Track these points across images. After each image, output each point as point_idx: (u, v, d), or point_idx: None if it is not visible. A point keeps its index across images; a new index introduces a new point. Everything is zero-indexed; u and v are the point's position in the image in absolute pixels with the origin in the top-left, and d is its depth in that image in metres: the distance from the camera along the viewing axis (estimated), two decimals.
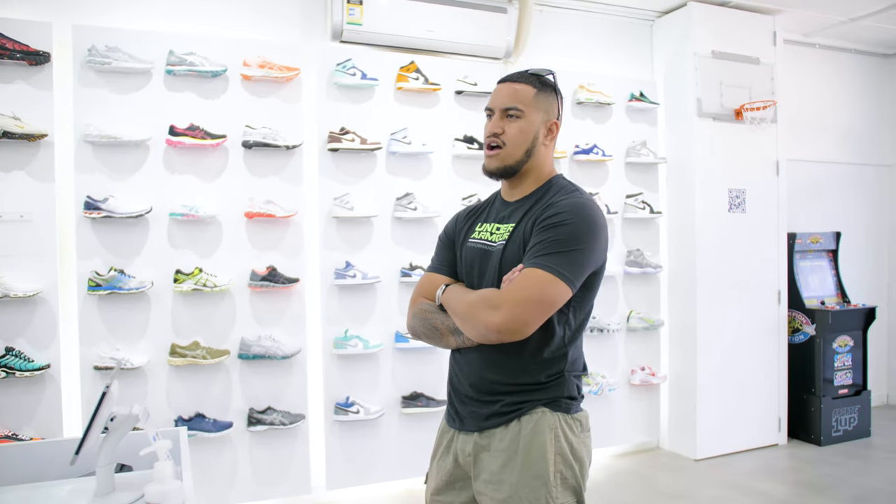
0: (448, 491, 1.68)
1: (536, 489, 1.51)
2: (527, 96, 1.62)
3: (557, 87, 1.69)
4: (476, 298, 1.53)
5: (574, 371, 1.61)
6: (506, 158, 1.63)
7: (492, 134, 1.63)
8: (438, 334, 1.65)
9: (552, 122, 1.65)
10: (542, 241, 1.50)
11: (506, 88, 1.64)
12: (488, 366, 1.59)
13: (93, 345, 3.25)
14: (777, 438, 4.67)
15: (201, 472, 3.42)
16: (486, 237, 1.67)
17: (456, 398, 1.68)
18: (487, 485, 1.57)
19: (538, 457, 1.52)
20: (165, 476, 1.37)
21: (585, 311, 1.63)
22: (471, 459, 1.62)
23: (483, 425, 1.60)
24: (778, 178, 4.68)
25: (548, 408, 1.56)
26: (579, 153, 4.29)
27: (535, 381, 1.56)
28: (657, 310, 4.58)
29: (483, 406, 1.60)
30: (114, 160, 3.31)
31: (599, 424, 4.33)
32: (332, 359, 3.70)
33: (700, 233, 4.41)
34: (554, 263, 1.46)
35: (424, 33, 3.88)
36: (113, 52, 3.27)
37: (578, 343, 1.63)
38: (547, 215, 1.53)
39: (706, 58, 4.42)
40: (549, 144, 1.66)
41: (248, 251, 3.54)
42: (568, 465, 1.55)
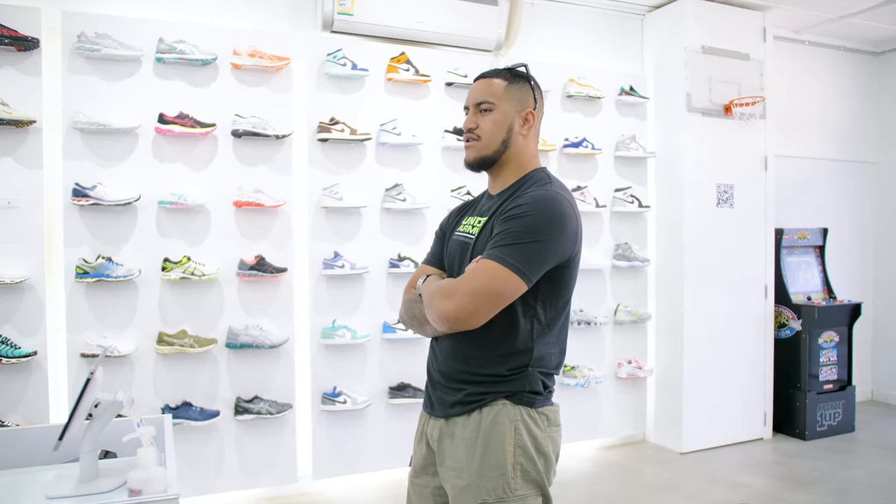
0: (423, 474, 1.70)
1: (494, 479, 1.52)
2: (498, 89, 1.65)
3: (531, 77, 1.70)
4: (437, 288, 1.55)
5: (540, 367, 1.59)
6: (482, 149, 1.65)
7: (467, 129, 1.67)
8: (418, 323, 1.67)
9: (527, 111, 1.66)
10: (500, 232, 1.51)
11: (480, 84, 1.68)
12: (455, 355, 1.62)
13: (80, 332, 3.25)
14: (762, 433, 4.71)
15: (188, 460, 3.42)
16: (467, 230, 1.69)
17: (430, 383, 1.71)
18: (450, 471, 1.59)
19: (497, 448, 1.53)
20: (148, 462, 1.38)
21: (559, 307, 1.61)
22: (437, 444, 1.64)
23: (449, 412, 1.62)
24: (766, 174, 4.71)
25: (509, 400, 1.56)
26: (569, 146, 4.30)
27: (498, 374, 1.56)
28: (644, 303, 4.61)
29: (449, 393, 1.62)
30: (102, 147, 3.30)
31: (586, 417, 4.41)
32: (320, 349, 3.71)
33: (688, 227, 4.44)
34: (507, 255, 1.47)
35: (415, 24, 3.88)
36: (102, 38, 3.25)
37: (550, 339, 1.60)
38: (509, 207, 1.55)
39: (696, 53, 4.45)
40: (527, 134, 1.67)
41: (236, 240, 3.54)
42: (529, 458, 1.54)
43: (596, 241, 4.45)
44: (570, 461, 4.25)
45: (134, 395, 3.27)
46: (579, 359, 4.36)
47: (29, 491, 1.55)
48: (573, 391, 4.32)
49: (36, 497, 1.49)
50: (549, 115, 4.26)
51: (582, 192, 4.32)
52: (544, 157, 4.28)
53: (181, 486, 3.37)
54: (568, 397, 4.32)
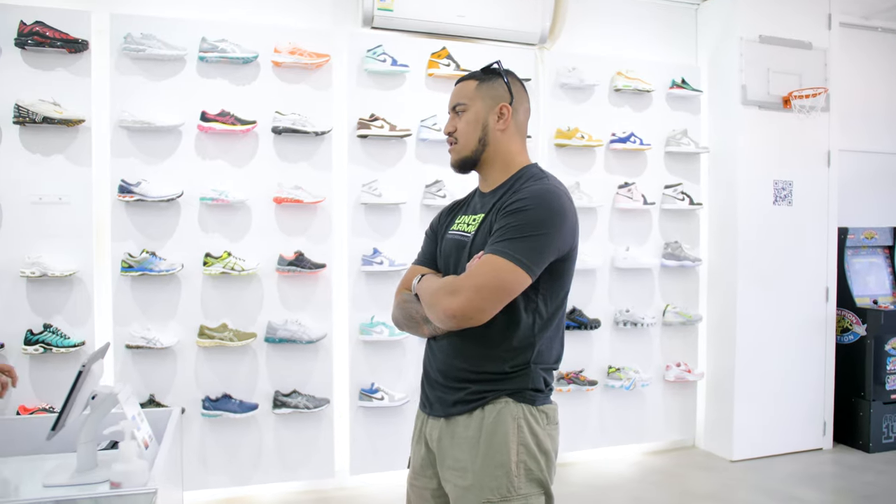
0: (421, 476, 1.68)
1: (498, 478, 1.50)
2: (469, 90, 1.66)
3: (506, 73, 1.68)
4: (439, 286, 1.53)
5: (542, 363, 1.58)
6: (460, 151, 1.67)
7: (447, 133, 1.69)
8: (414, 323, 1.65)
9: (501, 105, 1.64)
10: (502, 227, 1.50)
11: (455, 89, 1.71)
12: (456, 353, 1.59)
13: (125, 324, 3.36)
14: (821, 443, 4.47)
15: (227, 451, 3.50)
16: (462, 228, 1.68)
17: (427, 383, 1.69)
18: (452, 471, 1.57)
19: (500, 446, 1.51)
20: (129, 456, 1.39)
21: (558, 301, 1.59)
22: (436, 445, 1.62)
23: (449, 412, 1.59)
24: (829, 170, 4.46)
25: (511, 398, 1.54)
26: (615, 142, 4.17)
27: (500, 371, 1.55)
28: (695, 304, 4.44)
29: (450, 392, 1.60)
30: (147, 145, 3.40)
31: (631, 420, 4.29)
32: (358, 345, 3.73)
33: (742, 226, 4.24)
34: (511, 250, 1.45)
35: (456, 19, 3.84)
36: (148, 39, 3.34)
37: (550, 334, 1.59)
38: (509, 202, 1.54)
39: (753, 42, 4.24)
40: (504, 129, 1.65)
41: (276, 236, 3.59)
42: (532, 456, 1.53)
43: (644, 240, 4.31)
44: (613, 465, 4.14)
45: (176, 386, 3.41)
46: (625, 360, 4.24)
47: (31, 478, 1.60)
48: (618, 393, 4.21)
49: (35, 484, 1.54)
50: (597, 110, 4.19)
51: (629, 189, 4.18)
52: (589, 152, 4.17)
53: (221, 477, 3.46)
54: (612, 399, 4.21)
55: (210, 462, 3.49)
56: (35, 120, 3.16)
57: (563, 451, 4.08)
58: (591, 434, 4.19)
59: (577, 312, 4.09)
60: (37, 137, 3.22)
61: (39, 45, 3.18)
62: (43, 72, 3.24)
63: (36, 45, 3.17)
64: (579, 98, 4.16)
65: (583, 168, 4.17)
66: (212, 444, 3.49)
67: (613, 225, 4.24)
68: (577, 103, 4.15)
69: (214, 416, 3.43)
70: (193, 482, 3.45)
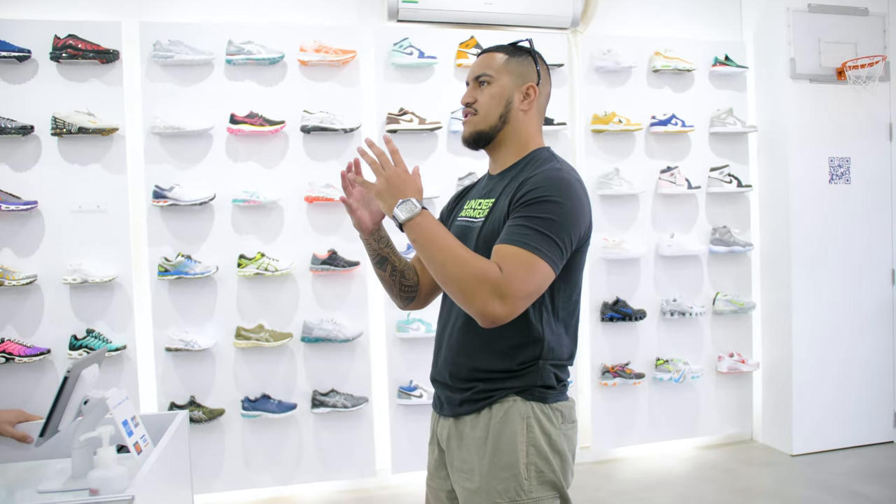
0: (436, 477, 1.62)
1: (506, 481, 1.42)
2: (497, 62, 1.56)
3: (536, 52, 1.59)
4: (479, 272, 1.33)
5: (552, 359, 1.48)
6: (478, 123, 1.55)
7: (465, 103, 1.57)
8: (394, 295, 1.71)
9: (528, 85, 1.55)
10: (526, 217, 1.38)
11: (479, 59, 1.60)
12: (463, 351, 1.52)
13: (164, 327, 3.42)
14: (891, 435, 4.19)
15: (267, 451, 3.53)
16: (469, 214, 1.59)
17: (435, 381, 1.62)
18: (460, 473, 1.51)
19: (508, 447, 1.43)
20: (107, 462, 1.37)
21: (568, 294, 1.50)
22: (446, 445, 1.56)
23: (457, 411, 1.52)
24: (891, 144, 4.17)
25: (520, 396, 1.46)
26: (656, 125, 4.01)
27: (507, 369, 1.46)
28: (748, 292, 4.23)
29: (457, 392, 1.53)
30: (179, 150, 3.44)
31: (682, 414, 4.12)
32: (395, 342, 3.69)
33: (796, 207, 4.01)
34: (548, 250, 1.35)
35: (483, 6, 3.75)
36: (175, 45, 3.38)
37: (561, 330, 1.50)
38: (529, 189, 1.41)
39: (802, 12, 3.99)
40: (528, 110, 1.56)
41: (308, 235, 3.59)
42: (543, 457, 1.44)
43: (690, 226, 4.12)
44: (664, 460, 3.99)
45: (215, 387, 3.44)
46: (673, 352, 4.07)
47: (27, 483, 1.62)
48: (667, 386, 4.05)
49: (31, 490, 1.55)
50: (635, 93, 4.04)
51: (672, 174, 4.01)
52: (629, 136, 4.01)
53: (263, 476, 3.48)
54: (661, 392, 4.05)
55: (252, 462, 3.52)
56: (71, 131, 3.24)
57: (610, 447, 4.01)
58: (640, 429, 4.05)
59: (620, 303, 3.95)
60: (74, 147, 3.31)
61: (73, 57, 3.25)
62: (77, 83, 3.31)
63: (70, 57, 3.25)
64: (616, 81, 4.01)
65: (622, 153, 4.02)
66: (252, 444, 3.52)
67: (657, 211, 4.07)
68: (614, 87, 4.00)
69: (254, 416, 3.46)
70: (236, 482, 3.48)
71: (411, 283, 1.69)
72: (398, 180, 1.42)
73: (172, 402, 3.39)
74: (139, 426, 1.52)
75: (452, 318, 1.56)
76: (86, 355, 3.20)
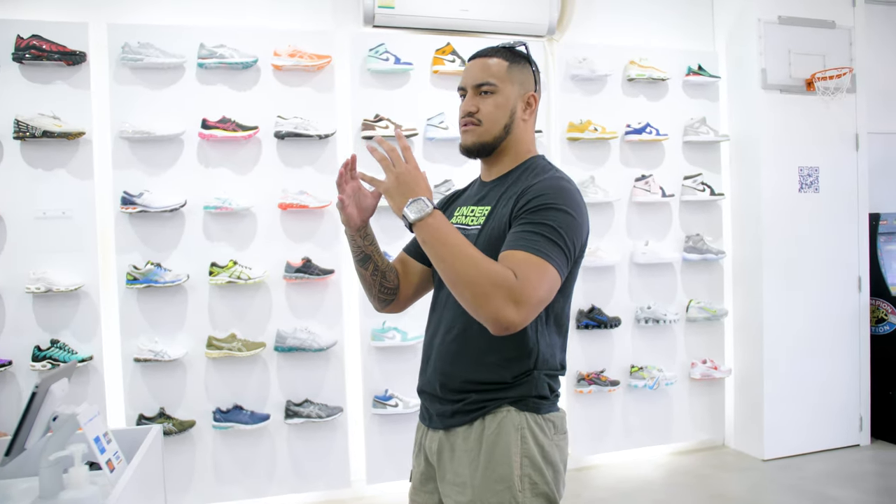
0: (422, 491, 1.59)
1: (500, 493, 1.39)
2: (500, 70, 1.50)
3: (531, 58, 1.57)
4: (494, 276, 1.27)
5: (545, 369, 1.46)
6: (483, 135, 1.51)
7: (466, 113, 1.51)
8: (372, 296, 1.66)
9: (529, 94, 1.54)
10: (534, 224, 1.34)
11: (477, 64, 1.53)
12: (455, 362, 1.48)
13: (133, 337, 3.32)
14: (858, 439, 4.27)
15: (240, 463, 3.45)
16: (461, 221, 1.56)
17: (423, 393, 1.58)
18: (451, 486, 1.47)
19: (502, 459, 1.41)
20: (79, 482, 1.31)
21: (563, 303, 1.49)
22: (436, 458, 1.52)
23: (448, 423, 1.49)
24: (857, 154, 4.25)
25: (514, 407, 1.43)
26: (631, 133, 4.03)
27: (502, 380, 1.44)
28: (720, 299, 4.27)
29: (448, 403, 1.49)
30: (149, 155, 3.35)
31: (656, 420, 4.14)
32: (370, 351, 3.64)
33: (767, 215, 4.07)
34: (557, 258, 1.32)
35: (459, 13, 3.73)
36: (145, 48, 3.30)
37: (554, 339, 1.49)
38: (531, 196, 1.39)
39: (772, 24, 4.06)
40: (528, 119, 1.55)
41: (282, 243, 3.52)
42: (537, 469, 1.42)
43: (664, 234, 4.15)
44: (639, 467, 4.00)
45: (186, 399, 3.36)
46: (647, 359, 4.10)
47: None
48: (642, 393, 4.07)
49: None
50: (610, 101, 4.06)
51: (647, 182, 4.04)
52: (604, 145, 4.03)
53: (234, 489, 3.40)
54: (636, 399, 4.07)
55: (223, 475, 3.43)
56: (35, 134, 3.13)
57: (586, 454, 4.01)
58: (615, 436, 4.06)
59: (595, 311, 3.96)
60: (38, 152, 3.20)
61: (37, 58, 3.15)
62: (41, 85, 3.21)
63: (34, 58, 3.14)
64: (591, 89, 4.02)
65: (597, 161, 4.03)
66: (224, 456, 3.43)
67: (631, 219, 4.09)
68: (589, 95, 4.02)
69: (226, 427, 3.38)
70: (206, 496, 3.40)
71: (391, 286, 1.66)
72: (409, 178, 1.35)
73: (141, 415, 3.29)
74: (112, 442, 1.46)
75: (443, 327, 1.53)
76: (53, 368, 3.11)
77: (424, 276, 1.69)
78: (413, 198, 1.33)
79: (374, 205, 1.58)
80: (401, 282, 1.67)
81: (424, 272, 1.69)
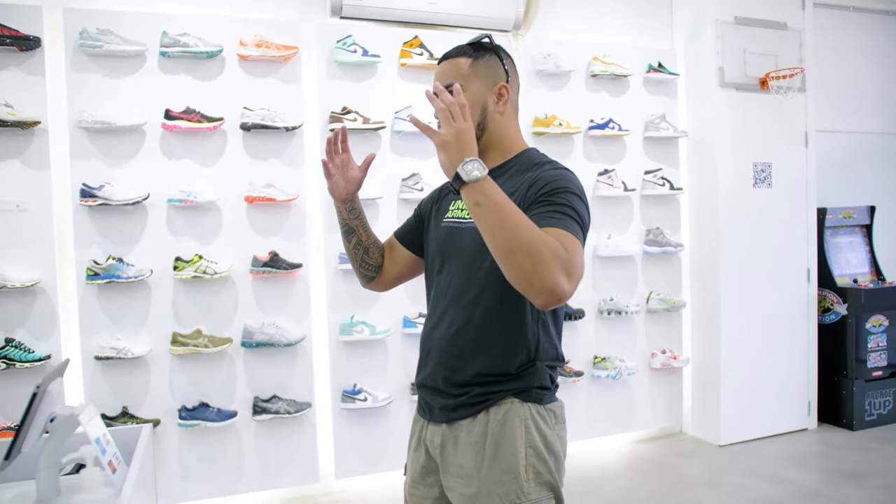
0: (421, 485, 1.59)
1: (506, 484, 1.41)
2: (462, 69, 1.51)
3: (498, 48, 1.56)
4: (551, 244, 1.23)
5: (547, 360, 1.49)
6: None
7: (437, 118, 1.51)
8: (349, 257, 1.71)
9: (499, 85, 1.52)
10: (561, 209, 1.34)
11: (442, 67, 1.54)
12: (461, 355, 1.49)
13: (93, 334, 3.21)
14: (806, 423, 4.48)
15: (206, 461, 3.38)
16: (457, 214, 1.56)
17: (424, 387, 1.58)
18: (456, 479, 1.48)
19: (508, 450, 1.43)
20: (94, 484, 1.27)
21: None
22: (439, 451, 1.53)
23: (451, 416, 1.50)
24: (807, 151, 4.44)
25: (517, 398, 1.45)
26: (594, 128, 4.10)
27: (506, 371, 1.45)
28: (678, 290, 4.40)
29: (451, 397, 1.50)
30: (109, 146, 3.23)
31: (619, 410, 4.24)
32: (339, 345, 3.61)
33: (723, 209, 4.20)
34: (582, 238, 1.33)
35: (427, 6, 3.72)
36: (105, 35, 3.18)
37: (553, 330, 1.51)
38: (557, 186, 1.38)
39: (729, 24, 4.19)
40: (504, 111, 1.54)
41: (249, 237, 3.46)
42: (541, 458, 1.44)
43: (626, 227, 4.25)
44: (603, 455, 4.09)
45: (150, 397, 3.27)
46: (611, 350, 4.19)
47: None
48: (604, 383, 4.15)
49: None
50: (574, 97, 4.11)
51: (609, 176, 4.12)
52: (568, 139, 4.09)
53: (201, 487, 3.33)
54: (599, 390, 4.16)
55: (189, 473, 3.36)
56: None
57: None
58: (579, 426, 4.13)
59: None
60: None
61: None
62: None
63: None
64: (556, 85, 4.07)
65: (562, 156, 4.08)
66: (190, 455, 3.36)
67: (594, 213, 4.13)
68: (554, 90, 4.07)
69: (192, 425, 3.30)
70: (172, 495, 3.31)
71: (373, 263, 1.70)
72: (468, 136, 1.25)
73: (103, 415, 3.18)
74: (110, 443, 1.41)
75: (445, 321, 1.52)
76: (8, 368, 2.98)
77: (411, 263, 1.72)
78: (470, 157, 1.24)
79: (362, 178, 1.60)
80: (386, 262, 1.72)
81: (411, 259, 1.71)
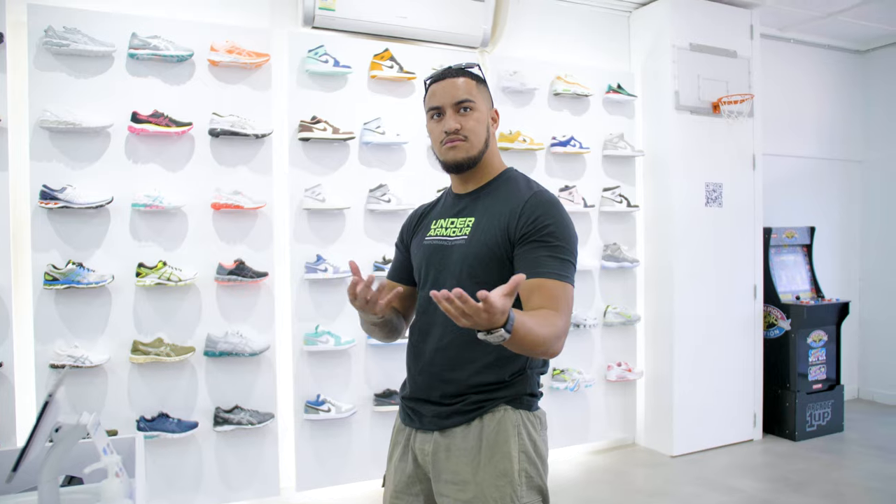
0: (406, 494, 1.61)
1: (502, 488, 1.47)
2: (472, 88, 1.61)
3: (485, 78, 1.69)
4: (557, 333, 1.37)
5: (535, 367, 1.58)
6: (470, 150, 1.59)
7: (453, 130, 1.57)
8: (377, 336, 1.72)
9: (494, 110, 1.67)
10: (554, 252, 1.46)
11: (450, 84, 1.60)
12: (456, 367, 1.54)
13: (49, 342, 3.09)
14: (752, 434, 4.66)
15: (165, 474, 3.29)
16: (441, 233, 1.62)
17: (412, 396, 1.62)
18: (450, 485, 1.52)
19: (503, 455, 1.48)
20: (115, 496, 1.25)
21: None
22: (430, 459, 1.56)
23: (444, 424, 1.54)
24: (754, 173, 4.66)
25: (510, 405, 1.52)
26: (556, 145, 4.21)
27: (500, 380, 1.52)
28: (633, 305, 4.54)
29: (445, 405, 1.55)
30: (72, 148, 3.15)
31: (576, 421, 4.32)
32: (303, 356, 3.59)
33: (677, 227, 4.37)
34: (572, 276, 1.47)
35: (398, 20, 3.77)
36: (72, 33, 3.10)
37: None
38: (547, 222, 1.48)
39: (684, 50, 4.38)
40: (493, 134, 1.66)
41: (214, 244, 3.41)
42: (532, 463, 1.51)
43: (585, 242, 4.36)
44: (560, 466, 4.16)
45: (107, 407, 3.17)
46: (569, 362, 4.28)
47: None
48: (563, 395, 4.24)
49: None
50: (537, 114, 4.21)
51: (570, 192, 4.23)
52: (531, 155, 4.19)
53: (157, 501, 3.24)
54: (557, 401, 4.24)
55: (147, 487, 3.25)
56: None
57: None
58: None
59: None
60: None
61: None
62: None
63: None
64: (521, 102, 4.17)
65: (525, 171, 3.98)
66: (148, 467, 3.26)
67: None
68: (519, 107, 4.17)
69: (151, 437, 3.21)
70: None
71: (400, 327, 1.73)
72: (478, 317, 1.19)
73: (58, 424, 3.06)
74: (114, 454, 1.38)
75: (436, 333, 1.56)
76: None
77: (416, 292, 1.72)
78: (488, 328, 1.21)
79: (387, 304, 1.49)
80: (401, 311, 1.73)
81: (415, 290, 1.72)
